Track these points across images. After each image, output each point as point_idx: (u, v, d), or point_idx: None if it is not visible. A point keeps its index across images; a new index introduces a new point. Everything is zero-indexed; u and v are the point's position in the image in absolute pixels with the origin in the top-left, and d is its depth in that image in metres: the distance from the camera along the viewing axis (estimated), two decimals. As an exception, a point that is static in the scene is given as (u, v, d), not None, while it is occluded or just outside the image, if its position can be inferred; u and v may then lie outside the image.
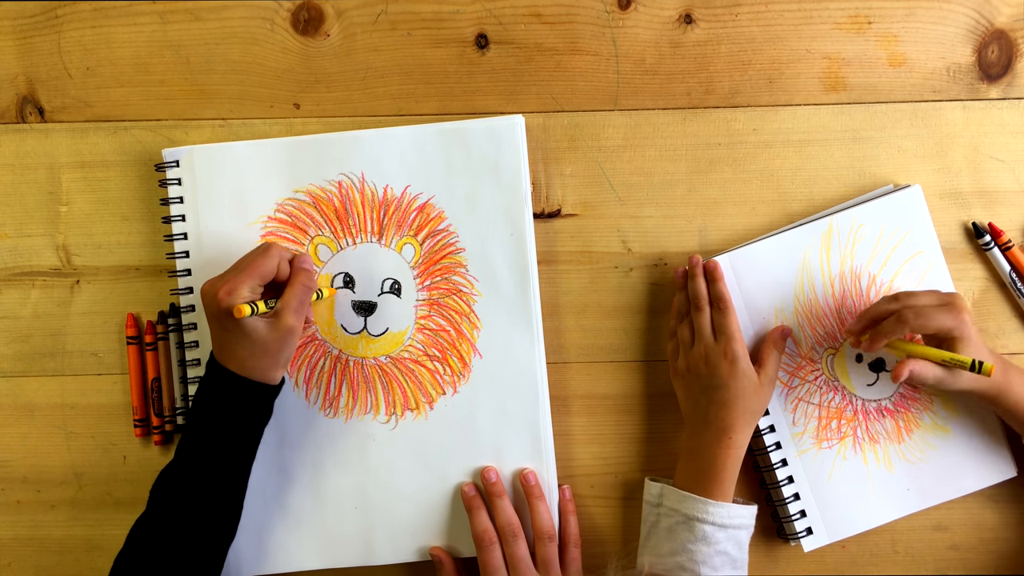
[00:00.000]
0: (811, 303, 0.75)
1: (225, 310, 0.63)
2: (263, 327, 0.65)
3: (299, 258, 0.69)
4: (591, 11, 0.76)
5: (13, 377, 0.78)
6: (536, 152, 0.77)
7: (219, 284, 0.64)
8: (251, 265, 0.66)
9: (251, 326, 0.64)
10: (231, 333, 0.64)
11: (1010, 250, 0.76)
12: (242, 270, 0.65)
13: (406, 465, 0.75)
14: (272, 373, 0.66)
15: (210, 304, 0.64)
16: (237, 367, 0.65)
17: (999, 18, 0.76)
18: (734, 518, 0.69)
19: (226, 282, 0.64)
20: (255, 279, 0.65)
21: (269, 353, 0.65)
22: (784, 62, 0.77)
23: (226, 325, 0.64)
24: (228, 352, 0.65)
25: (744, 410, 0.70)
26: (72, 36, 0.77)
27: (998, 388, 0.68)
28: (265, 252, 0.67)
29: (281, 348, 0.66)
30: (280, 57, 0.77)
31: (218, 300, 0.63)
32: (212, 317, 0.65)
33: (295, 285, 0.67)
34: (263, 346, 0.65)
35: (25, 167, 0.77)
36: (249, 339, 0.64)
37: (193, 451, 0.66)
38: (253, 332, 0.64)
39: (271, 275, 0.67)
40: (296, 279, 0.68)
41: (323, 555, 0.75)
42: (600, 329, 0.77)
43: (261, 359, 0.65)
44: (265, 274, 0.66)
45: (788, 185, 0.77)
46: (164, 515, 0.65)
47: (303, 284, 0.67)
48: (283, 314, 0.65)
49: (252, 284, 0.65)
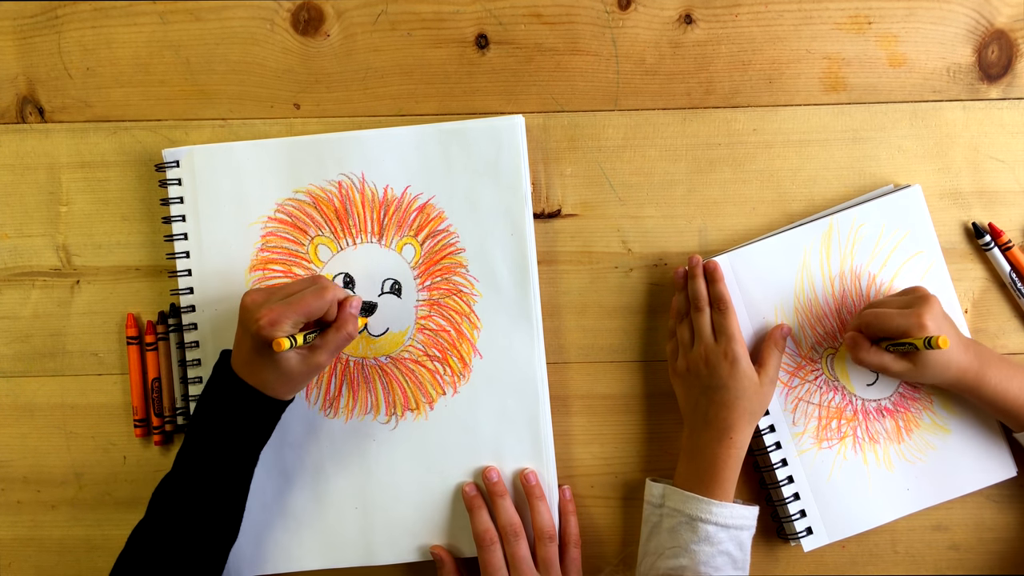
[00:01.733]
0: (811, 303, 0.75)
1: (264, 338, 0.62)
2: (295, 359, 0.64)
3: (350, 302, 0.67)
4: (591, 11, 0.76)
5: (13, 377, 0.78)
6: (536, 152, 0.77)
7: (263, 310, 0.62)
8: (301, 302, 0.64)
9: (284, 357, 0.64)
10: (261, 355, 0.64)
11: (1010, 250, 0.76)
12: (291, 304, 0.63)
13: (406, 465, 0.75)
14: (287, 394, 0.67)
15: (249, 324, 0.63)
16: (256, 383, 0.65)
17: (999, 18, 0.76)
18: (737, 518, 0.69)
19: (272, 311, 0.62)
20: (301, 316, 0.64)
21: (292, 382, 0.65)
22: (784, 62, 0.77)
23: (259, 347, 0.63)
24: (251, 369, 0.65)
25: (744, 410, 0.70)
26: (72, 36, 0.77)
27: (974, 378, 0.68)
28: (319, 293, 0.65)
29: (305, 380, 0.66)
30: (280, 57, 0.77)
31: (259, 326, 0.62)
32: (245, 332, 0.64)
33: (340, 331, 0.66)
34: (288, 375, 0.65)
35: (25, 167, 0.77)
36: (278, 367, 0.64)
37: (197, 457, 0.66)
38: (285, 362, 0.64)
39: (318, 315, 0.65)
40: (344, 327, 0.66)
41: (323, 555, 0.75)
42: (600, 329, 0.77)
43: (284, 385, 0.65)
44: (313, 314, 0.65)
45: (788, 185, 0.77)
46: (165, 521, 0.65)
47: (348, 333, 0.66)
48: (319, 352, 0.65)
49: (297, 320, 0.63)
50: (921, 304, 0.66)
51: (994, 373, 0.69)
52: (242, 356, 0.65)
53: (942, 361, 0.67)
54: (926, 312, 0.66)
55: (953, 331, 0.68)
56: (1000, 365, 0.69)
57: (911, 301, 0.68)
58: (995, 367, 0.69)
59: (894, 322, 0.66)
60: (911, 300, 0.68)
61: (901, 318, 0.66)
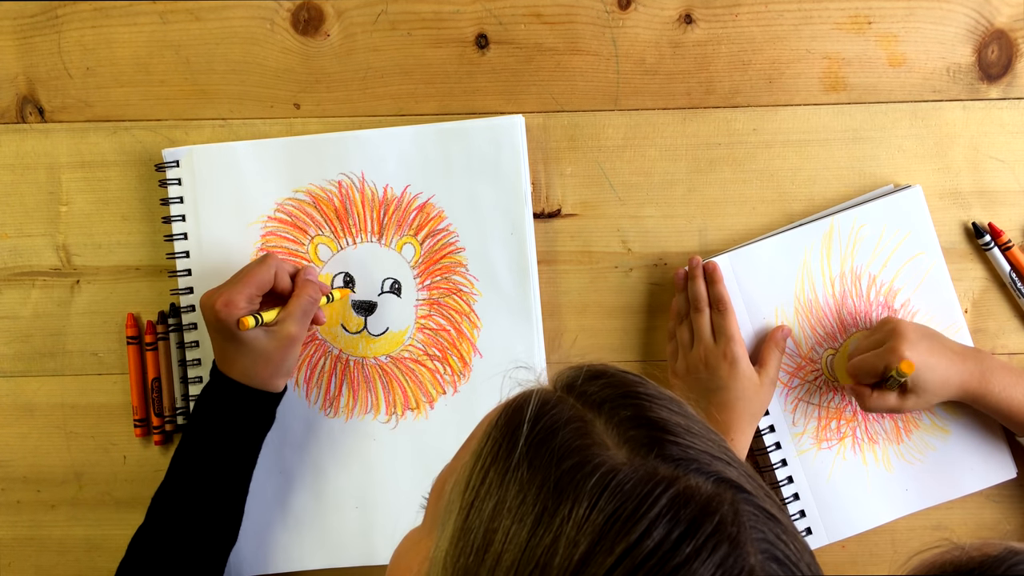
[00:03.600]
0: (811, 303, 0.75)
1: (224, 322, 0.63)
2: (264, 337, 0.65)
3: (305, 270, 0.69)
4: (591, 11, 0.76)
5: (13, 377, 0.78)
6: (536, 152, 0.77)
7: (216, 296, 0.64)
8: (248, 275, 0.65)
9: (252, 336, 0.64)
10: (232, 343, 0.64)
11: (1010, 250, 0.75)
12: (239, 281, 0.65)
13: (406, 465, 0.75)
14: (275, 381, 0.66)
15: (209, 316, 0.64)
16: (240, 376, 0.65)
17: (999, 18, 0.76)
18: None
19: (222, 294, 0.64)
20: (252, 289, 0.65)
21: (271, 362, 0.65)
22: (784, 62, 0.76)
23: (226, 336, 0.64)
24: (230, 362, 0.65)
25: (744, 411, 0.70)
26: (72, 36, 0.77)
27: (978, 386, 0.68)
28: (262, 262, 0.67)
29: (283, 357, 0.66)
30: (280, 57, 0.77)
31: (216, 312, 0.63)
32: (212, 328, 0.65)
33: (301, 296, 0.67)
34: (265, 356, 0.65)
35: (25, 167, 0.77)
36: (251, 349, 0.64)
37: (194, 459, 0.66)
38: (254, 342, 0.64)
39: (268, 285, 0.66)
40: (303, 291, 0.67)
41: (324, 555, 0.75)
42: (600, 329, 0.77)
43: (264, 368, 0.65)
44: (262, 284, 0.66)
45: (788, 185, 0.77)
46: (165, 525, 0.65)
47: (309, 296, 0.67)
48: (285, 323, 0.65)
49: (249, 294, 0.64)
50: (892, 337, 0.67)
51: (997, 380, 0.68)
52: (219, 353, 0.66)
53: (938, 379, 0.67)
54: (899, 344, 0.66)
55: (937, 348, 0.68)
56: (1002, 372, 0.69)
57: (883, 337, 0.68)
58: (998, 374, 0.69)
59: (873, 365, 0.67)
60: (883, 336, 0.68)
61: (878, 359, 0.67)
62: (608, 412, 0.41)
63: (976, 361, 0.69)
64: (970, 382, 0.68)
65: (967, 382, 0.68)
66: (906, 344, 0.66)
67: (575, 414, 0.41)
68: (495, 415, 0.43)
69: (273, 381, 0.66)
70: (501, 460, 0.40)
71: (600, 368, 0.45)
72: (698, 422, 0.42)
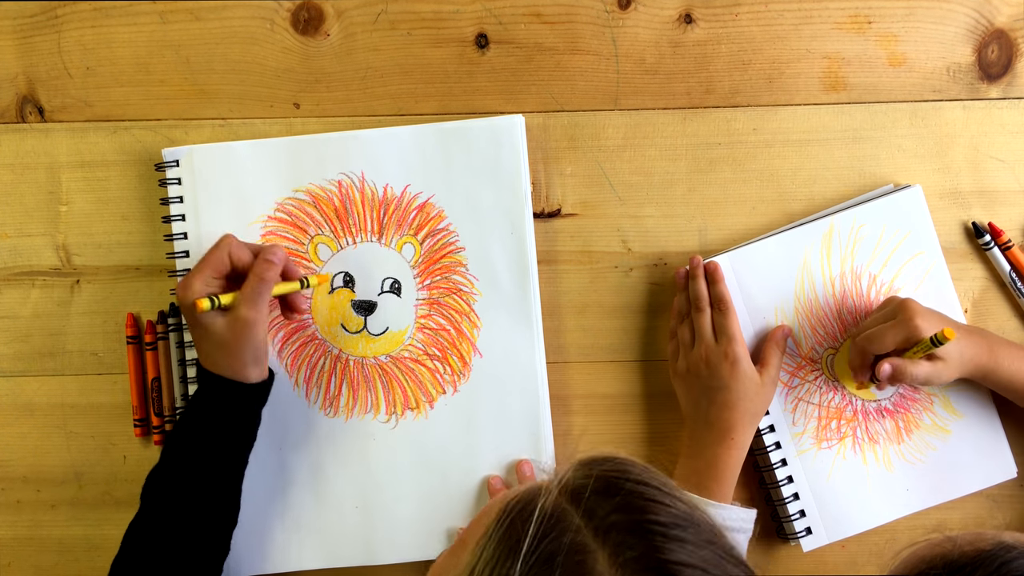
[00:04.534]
0: (811, 303, 0.75)
1: (186, 307, 0.63)
2: (220, 322, 0.64)
3: (264, 250, 0.67)
4: (591, 11, 0.76)
5: (13, 377, 0.78)
6: (536, 152, 0.77)
7: (178, 284, 0.65)
8: (203, 258, 0.65)
9: (207, 321, 0.64)
10: (195, 329, 0.65)
11: (1010, 250, 0.75)
12: (196, 265, 0.66)
13: (406, 465, 0.75)
14: (244, 371, 0.65)
15: (178, 302, 0.65)
16: (210, 365, 0.65)
17: (999, 18, 0.76)
18: (734, 520, 0.69)
19: (182, 280, 0.65)
20: (207, 272, 0.65)
21: (229, 349, 0.64)
22: (784, 62, 0.76)
23: (191, 322, 0.65)
24: (202, 352, 0.66)
25: (746, 411, 0.70)
26: (72, 36, 0.77)
27: (987, 359, 0.68)
28: (216, 244, 0.67)
29: (241, 343, 0.64)
30: (280, 57, 0.77)
31: (177, 298, 0.64)
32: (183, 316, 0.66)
33: (251, 276, 0.65)
34: (221, 341, 0.64)
35: (25, 167, 0.77)
36: (208, 334, 0.64)
37: (178, 448, 0.67)
38: (210, 327, 0.64)
39: (224, 266, 0.66)
40: (252, 270, 0.65)
41: (323, 555, 0.75)
42: (600, 329, 0.77)
43: (225, 356, 0.65)
44: (217, 265, 0.65)
45: (788, 185, 0.77)
46: (158, 515, 0.65)
47: (258, 275, 0.65)
48: (237, 307, 0.64)
49: (204, 277, 0.64)
50: (905, 310, 0.67)
51: (1004, 354, 0.69)
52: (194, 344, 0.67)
53: (957, 351, 0.67)
54: (914, 315, 0.66)
55: (947, 319, 0.69)
56: (1008, 346, 0.70)
57: (893, 311, 0.68)
58: (1004, 348, 0.69)
59: (889, 335, 0.67)
60: (892, 311, 0.68)
61: (895, 330, 0.66)
62: (614, 546, 0.39)
63: (982, 335, 0.70)
64: (981, 355, 0.68)
65: (978, 355, 0.68)
66: (919, 314, 0.66)
67: (577, 542, 0.39)
68: (497, 513, 0.42)
69: (243, 371, 0.65)
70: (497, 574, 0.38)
71: (614, 475, 0.43)
72: (717, 540, 0.39)
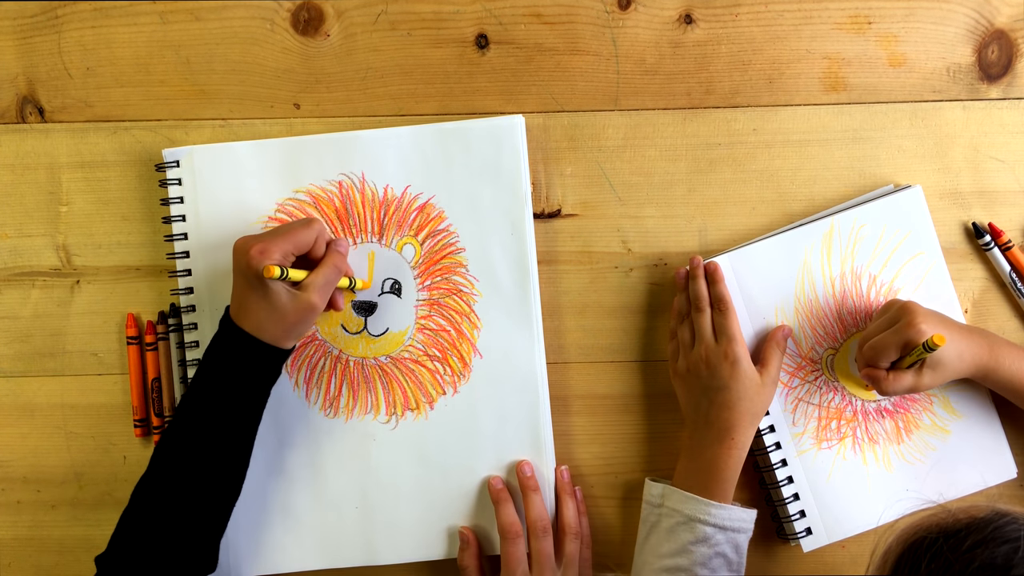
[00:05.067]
0: (811, 303, 0.75)
1: (255, 268, 0.63)
2: (286, 296, 0.65)
3: (336, 241, 0.70)
4: (591, 11, 0.76)
5: (13, 377, 0.78)
6: (536, 152, 0.77)
7: (253, 242, 0.64)
8: (290, 232, 0.66)
9: (275, 290, 0.64)
10: (254, 292, 0.64)
11: (1010, 250, 0.76)
12: (279, 234, 0.66)
13: (406, 465, 0.75)
14: (284, 340, 0.67)
15: (240, 259, 0.65)
16: (252, 328, 0.65)
17: (999, 18, 0.76)
18: (734, 520, 0.69)
19: (261, 242, 0.64)
20: (290, 246, 0.65)
21: (285, 322, 0.65)
22: (784, 62, 0.76)
23: (252, 283, 0.64)
24: (245, 311, 0.65)
25: (746, 411, 0.70)
26: (72, 36, 0.77)
27: (988, 359, 0.68)
28: (307, 224, 0.67)
29: (298, 321, 0.66)
30: (280, 57, 0.77)
31: (249, 256, 0.63)
32: (239, 273, 0.65)
33: (327, 265, 0.67)
34: (281, 314, 0.65)
35: (25, 167, 0.77)
36: (270, 303, 0.64)
37: (200, 405, 0.66)
38: (276, 297, 0.64)
39: (307, 247, 0.67)
40: (329, 259, 0.68)
41: (323, 555, 0.75)
42: (600, 329, 0.77)
43: (276, 326, 0.65)
44: (300, 245, 0.66)
45: (788, 185, 0.77)
46: (169, 470, 0.66)
47: (335, 266, 0.68)
48: (307, 290, 0.65)
49: (286, 250, 0.65)
50: (906, 314, 0.67)
51: (1005, 355, 0.69)
52: (236, 300, 0.66)
53: (954, 354, 0.67)
54: (915, 319, 0.66)
55: (948, 323, 0.69)
56: (1008, 347, 0.70)
57: (895, 316, 0.68)
58: (1004, 349, 0.69)
59: (893, 342, 0.67)
60: (894, 315, 0.68)
61: (897, 335, 0.66)
62: None
63: (983, 336, 0.69)
64: (981, 356, 0.68)
65: (978, 356, 0.68)
66: (920, 317, 0.66)
67: None
68: None
69: (283, 340, 0.66)
70: None
71: None
72: None
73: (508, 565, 0.71)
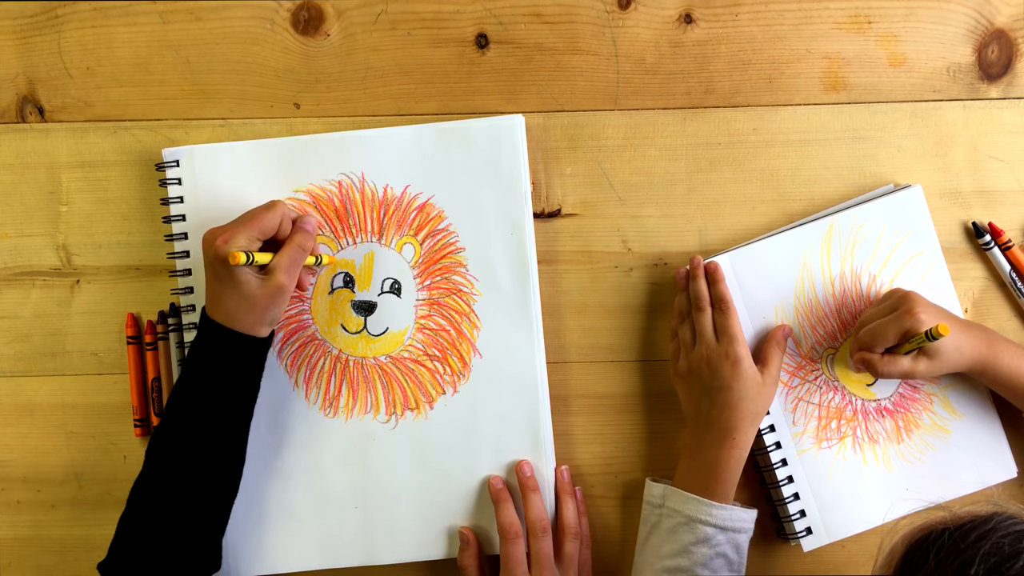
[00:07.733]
0: (811, 303, 0.75)
1: (220, 257, 0.63)
2: (254, 282, 0.65)
3: (301, 219, 0.69)
4: (591, 11, 0.76)
5: (13, 377, 0.78)
6: (536, 152, 0.77)
7: (218, 232, 0.64)
8: (253, 218, 0.66)
9: (242, 278, 0.64)
10: (223, 283, 0.65)
11: (1010, 250, 0.76)
12: (243, 222, 0.66)
13: (406, 465, 0.75)
14: (257, 328, 0.67)
15: (207, 250, 0.65)
16: (224, 319, 0.65)
17: (999, 18, 0.76)
18: (735, 521, 0.69)
19: (225, 231, 0.64)
20: (254, 231, 0.65)
21: (256, 309, 0.65)
22: (784, 62, 0.77)
23: (219, 274, 0.65)
24: (216, 303, 0.66)
25: (747, 411, 0.70)
26: (72, 36, 0.77)
27: (986, 354, 0.68)
28: (269, 207, 0.67)
29: (268, 306, 0.66)
30: (280, 57, 0.77)
31: (215, 247, 0.63)
32: (208, 265, 0.66)
33: (291, 244, 0.67)
34: (251, 300, 0.65)
35: (25, 167, 0.77)
36: (239, 291, 0.65)
37: (186, 402, 0.67)
38: (244, 285, 0.64)
39: (271, 230, 0.67)
40: (292, 238, 0.68)
41: (323, 555, 0.75)
42: (600, 329, 0.77)
43: (247, 314, 0.65)
44: (265, 228, 0.66)
45: (788, 185, 0.77)
46: (162, 471, 0.66)
47: (298, 244, 0.67)
48: (274, 272, 0.65)
49: (250, 235, 0.65)
50: (907, 302, 0.67)
51: (1004, 351, 0.69)
52: (208, 294, 0.67)
53: (952, 346, 0.67)
54: (916, 308, 0.66)
55: (948, 315, 0.69)
56: (1008, 344, 0.70)
57: (895, 303, 0.68)
58: (1003, 346, 0.69)
59: (891, 329, 0.67)
60: (895, 303, 0.68)
61: (897, 323, 0.66)
62: None
63: (982, 331, 0.70)
64: (980, 350, 0.68)
65: (977, 349, 0.68)
66: (921, 307, 0.66)
67: None
68: None
69: (257, 328, 0.66)
70: None
71: None
72: None
73: (508, 565, 0.71)
